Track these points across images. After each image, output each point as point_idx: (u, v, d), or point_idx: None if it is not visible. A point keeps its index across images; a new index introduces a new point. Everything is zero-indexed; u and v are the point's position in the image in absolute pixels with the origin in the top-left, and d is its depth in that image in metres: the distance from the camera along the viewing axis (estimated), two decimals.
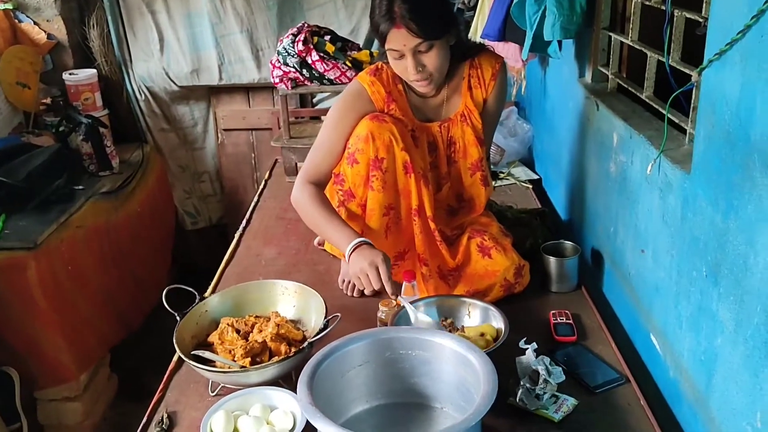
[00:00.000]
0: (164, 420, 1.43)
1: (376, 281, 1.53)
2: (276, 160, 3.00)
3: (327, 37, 2.73)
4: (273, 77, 2.72)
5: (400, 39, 1.58)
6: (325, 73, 2.65)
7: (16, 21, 2.89)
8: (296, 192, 1.75)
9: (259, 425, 1.34)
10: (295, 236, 2.28)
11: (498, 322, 1.59)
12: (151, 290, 2.74)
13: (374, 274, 1.53)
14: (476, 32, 2.56)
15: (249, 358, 1.47)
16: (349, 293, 1.90)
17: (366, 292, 1.57)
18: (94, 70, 2.95)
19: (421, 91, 1.73)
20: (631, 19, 1.73)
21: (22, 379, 2.22)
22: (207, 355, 1.49)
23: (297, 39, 2.65)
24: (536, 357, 1.41)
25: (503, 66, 1.82)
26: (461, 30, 1.77)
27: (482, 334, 1.55)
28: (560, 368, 1.42)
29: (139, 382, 2.66)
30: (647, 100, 1.64)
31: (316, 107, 3.22)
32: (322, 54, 2.65)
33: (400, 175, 1.72)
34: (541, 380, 1.38)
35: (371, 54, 2.76)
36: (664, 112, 1.45)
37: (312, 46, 2.65)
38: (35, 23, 2.92)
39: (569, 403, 1.41)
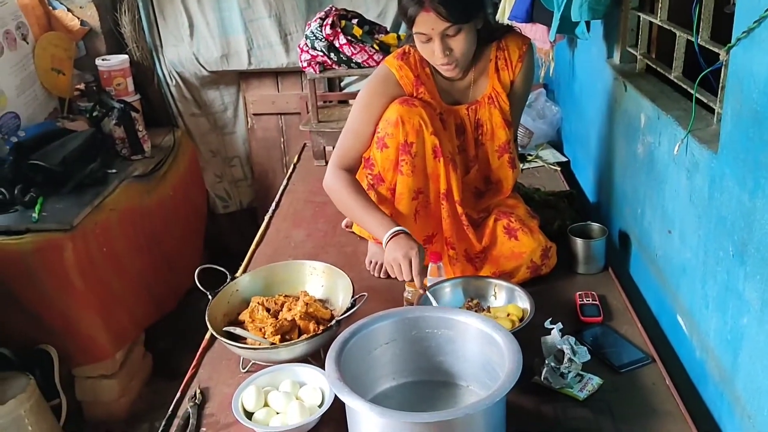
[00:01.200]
0: (197, 395, 1.47)
1: (407, 273, 1.55)
2: (304, 144, 3.03)
3: (354, 21, 2.74)
4: (301, 61, 2.74)
5: (428, 23, 1.59)
6: (353, 57, 2.66)
7: (51, 8, 2.95)
8: (329, 178, 1.78)
9: (288, 400, 1.38)
10: (323, 219, 2.31)
11: (524, 302, 1.60)
12: (183, 272, 2.80)
13: (406, 266, 1.55)
14: (504, 14, 2.54)
15: (279, 336, 1.51)
16: (375, 274, 1.92)
17: (399, 278, 1.59)
18: (126, 56, 3.00)
19: (447, 76, 1.74)
20: None
21: (61, 356, 2.29)
22: (238, 331, 1.53)
23: (325, 23, 2.66)
24: (561, 337, 1.43)
25: (530, 47, 1.82)
26: (488, 13, 1.77)
27: (508, 314, 1.57)
28: (585, 348, 1.43)
29: (172, 361, 2.74)
30: (676, 80, 1.63)
31: (344, 91, 3.24)
32: (349, 37, 2.66)
33: (429, 160, 1.73)
34: (566, 359, 1.40)
35: (399, 37, 2.76)
36: (692, 92, 1.44)
37: (339, 30, 2.66)
38: (69, 10, 2.97)
39: (594, 382, 1.43)
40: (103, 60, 2.92)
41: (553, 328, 1.45)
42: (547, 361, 1.42)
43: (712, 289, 1.35)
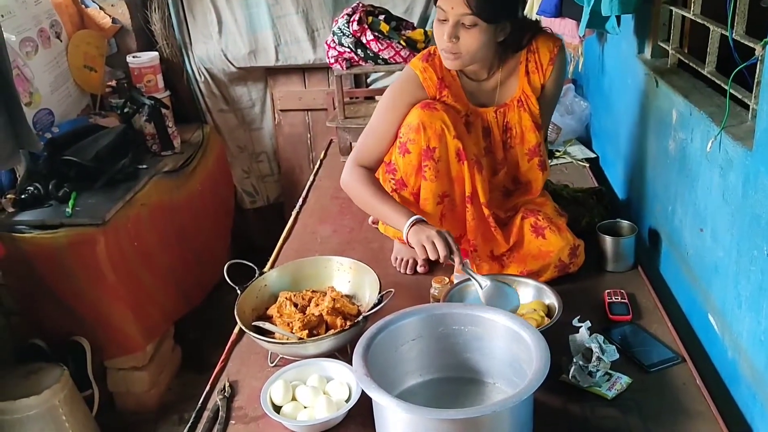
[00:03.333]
0: (226, 388, 1.49)
1: (443, 248, 1.53)
2: (331, 140, 3.04)
3: (381, 17, 2.74)
4: (328, 57, 2.75)
5: (451, 1, 1.57)
6: (380, 53, 2.66)
7: (83, 6, 3.00)
8: (346, 175, 1.77)
9: (316, 395, 1.39)
10: (350, 215, 2.32)
11: (550, 299, 1.59)
12: (211, 267, 2.84)
13: (440, 241, 1.54)
14: (532, 9, 2.53)
15: (306, 331, 1.52)
16: (402, 270, 1.92)
17: (432, 257, 1.55)
18: (156, 53, 3.04)
19: (445, 65, 1.69)
20: None
21: (93, 348, 2.34)
22: (267, 326, 1.55)
23: (352, 19, 2.67)
24: (590, 335, 1.42)
25: (562, 48, 1.78)
26: (520, 25, 1.73)
27: (534, 310, 1.56)
28: (614, 346, 1.42)
29: (200, 354, 2.78)
30: (709, 76, 1.60)
31: (371, 87, 3.24)
32: (376, 33, 2.66)
33: (453, 163, 1.71)
34: (594, 358, 1.39)
35: (425, 33, 2.76)
36: (726, 87, 1.41)
37: (367, 26, 2.66)
38: (100, 8, 3.02)
39: (623, 381, 1.41)
40: (133, 57, 2.97)
41: (581, 327, 1.44)
42: (575, 360, 1.41)
43: (745, 288, 1.32)
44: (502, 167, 1.85)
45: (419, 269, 1.90)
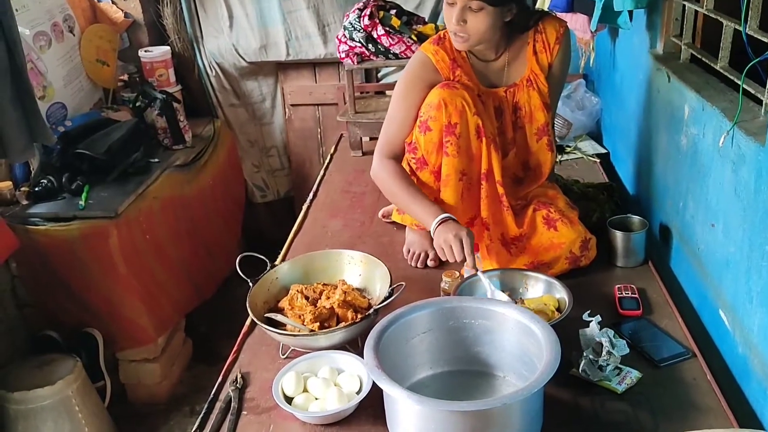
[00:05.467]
0: (238, 380, 1.51)
1: (459, 252, 1.57)
2: (341, 134, 3.05)
3: (393, 12, 2.74)
4: (339, 52, 2.75)
5: None
6: (391, 48, 2.66)
7: (96, 0, 3.02)
8: (376, 167, 1.80)
9: (327, 387, 1.40)
10: (360, 209, 2.33)
11: (561, 294, 1.60)
12: (222, 260, 2.86)
13: (458, 245, 1.57)
14: (544, 3, 2.52)
15: (317, 323, 1.53)
16: (413, 263, 1.93)
17: (450, 260, 1.60)
18: (168, 48, 3.06)
19: (455, 46, 1.73)
20: None
21: (105, 340, 2.36)
22: (279, 318, 1.56)
23: (363, 14, 2.67)
24: (600, 329, 1.42)
25: (567, 30, 1.81)
26: (526, 6, 1.76)
27: (545, 305, 1.57)
28: (624, 341, 1.42)
29: (211, 346, 2.80)
30: (722, 71, 1.59)
31: (381, 82, 3.25)
32: (387, 28, 2.66)
33: (473, 140, 1.73)
34: (604, 352, 1.39)
35: (437, 27, 2.76)
36: (739, 83, 1.41)
37: (378, 21, 2.67)
38: (113, 2, 3.04)
39: (633, 375, 1.42)
40: (145, 51, 2.98)
41: (591, 321, 1.44)
42: (585, 354, 1.41)
43: (756, 284, 1.32)
44: (511, 147, 1.87)
45: (429, 263, 1.91)
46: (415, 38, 2.68)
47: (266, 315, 1.58)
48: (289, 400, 1.40)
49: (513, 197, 1.86)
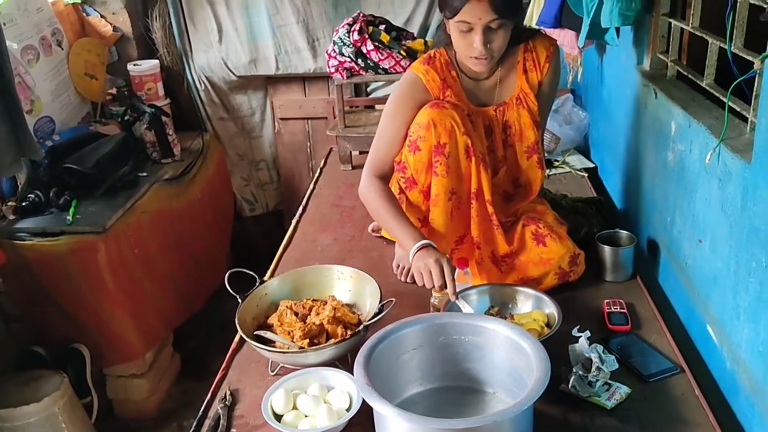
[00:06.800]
0: (227, 397, 1.50)
1: (438, 277, 1.56)
2: (331, 148, 3.05)
3: (382, 27, 2.76)
4: (329, 67, 2.76)
5: (476, 12, 1.59)
6: (380, 63, 2.68)
7: (84, 14, 3.02)
8: (364, 185, 1.81)
9: (316, 404, 1.39)
10: (350, 223, 2.33)
11: (550, 309, 1.60)
12: (211, 274, 2.85)
13: (437, 270, 1.56)
14: (532, 19, 2.55)
15: (307, 340, 1.53)
16: (402, 278, 1.93)
17: (428, 285, 1.59)
18: (157, 61, 3.05)
19: (476, 70, 1.73)
20: (692, 4, 1.70)
21: (93, 356, 2.34)
22: (268, 335, 1.55)
23: (352, 29, 2.68)
24: (589, 345, 1.43)
25: (557, 48, 1.83)
26: (522, 18, 1.79)
27: (534, 320, 1.57)
28: (613, 356, 1.43)
29: (199, 361, 2.78)
30: (708, 88, 1.61)
31: (371, 96, 3.26)
32: (377, 43, 2.68)
33: (462, 160, 1.74)
34: (593, 368, 1.39)
35: (426, 43, 2.77)
36: (724, 100, 1.43)
37: (367, 36, 2.68)
38: (102, 16, 3.04)
39: (622, 391, 1.42)
40: (134, 65, 2.98)
41: (580, 337, 1.44)
42: (574, 370, 1.42)
43: (743, 299, 1.33)
44: (502, 165, 1.88)
45: (427, 286, 1.91)
46: (404, 53, 2.69)
47: (255, 332, 1.58)
48: (278, 417, 1.39)
49: (503, 214, 1.87)
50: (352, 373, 1.28)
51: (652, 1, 1.93)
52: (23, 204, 2.29)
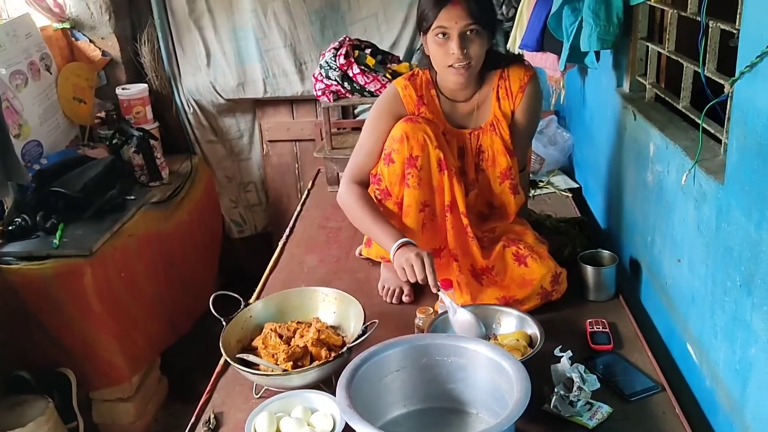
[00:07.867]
0: (211, 420, 1.50)
1: (420, 271, 1.59)
2: (318, 170, 3.07)
3: (368, 51, 2.80)
4: (315, 90, 2.80)
5: (452, 16, 1.65)
6: (366, 86, 2.71)
7: (73, 39, 3.04)
8: (342, 192, 1.85)
9: (300, 427, 1.40)
10: (337, 244, 2.35)
11: (532, 329, 1.62)
12: (199, 296, 2.84)
13: (419, 264, 1.59)
14: (515, 43, 2.59)
15: (291, 362, 1.53)
16: (387, 299, 1.94)
17: (411, 280, 1.62)
18: (145, 85, 3.08)
19: (455, 80, 1.75)
20: (668, 29, 1.74)
21: (78, 380, 2.33)
22: (251, 358, 1.56)
23: (339, 53, 2.72)
24: (571, 365, 1.44)
25: (533, 78, 1.85)
26: (496, 39, 1.83)
27: (517, 340, 1.58)
28: (595, 376, 1.44)
29: (187, 384, 2.76)
30: (684, 110, 1.65)
31: (357, 118, 3.29)
32: (362, 67, 2.71)
33: (434, 172, 1.78)
34: (575, 387, 1.41)
35: (411, 66, 2.81)
36: (699, 122, 1.46)
37: (353, 60, 2.71)
38: (91, 41, 3.06)
39: (604, 410, 1.43)
40: (123, 89, 3.00)
41: (562, 356, 1.46)
42: (556, 389, 1.43)
43: (720, 318, 1.35)
44: (473, 188, 1.90)
45: (405, 299, 1.93)
46: (389, 77, 2.73)
47: (239, 355, 1.58)
48: None
49: (479, 230, 1.89)
50: (336, 396, 1.28)
51: (629, 25, 1.97)
52: (10, 228, 2.30)
